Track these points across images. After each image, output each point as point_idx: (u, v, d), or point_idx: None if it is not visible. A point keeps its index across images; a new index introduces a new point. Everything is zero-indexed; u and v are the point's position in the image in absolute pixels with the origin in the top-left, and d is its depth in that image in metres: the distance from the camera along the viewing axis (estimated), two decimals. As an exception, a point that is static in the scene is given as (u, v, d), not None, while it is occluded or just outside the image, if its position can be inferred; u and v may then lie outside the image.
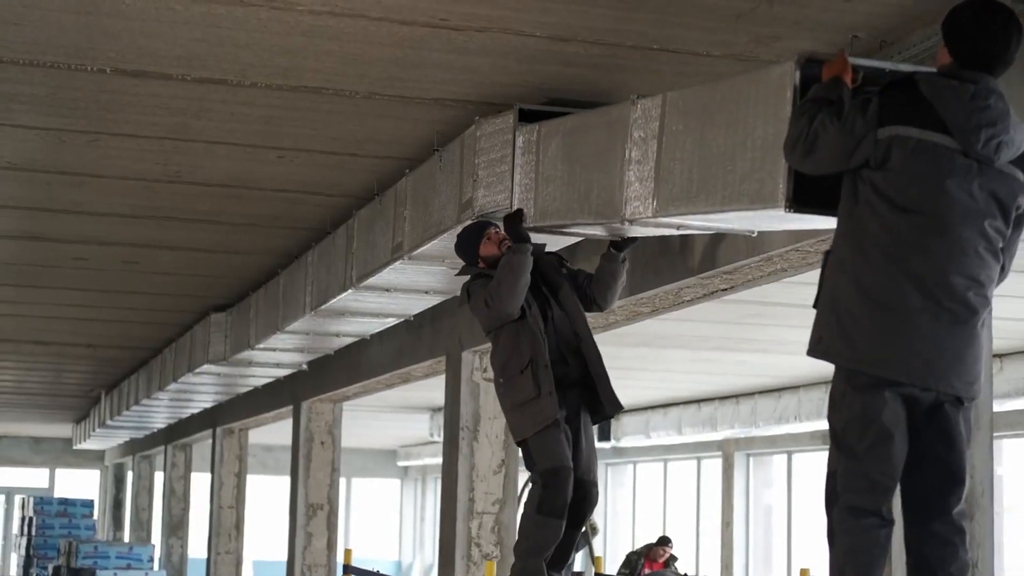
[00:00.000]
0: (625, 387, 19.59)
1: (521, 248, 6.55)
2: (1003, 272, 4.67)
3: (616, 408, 6.58)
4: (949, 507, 4.57)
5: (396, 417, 25.39)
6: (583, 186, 6.41)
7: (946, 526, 4.57)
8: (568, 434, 6.48)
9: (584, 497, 6.59)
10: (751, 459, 22.50)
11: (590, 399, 6.59)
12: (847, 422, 4.55)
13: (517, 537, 6.61)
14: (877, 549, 4.47)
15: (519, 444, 6.58)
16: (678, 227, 6.18)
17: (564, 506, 6.44)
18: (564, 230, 6.75)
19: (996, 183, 4.51)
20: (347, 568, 9.44)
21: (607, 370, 6.61)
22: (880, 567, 4.49)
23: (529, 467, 6.57)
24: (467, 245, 6.81)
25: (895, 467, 4.51)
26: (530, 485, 6.68)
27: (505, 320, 6.53)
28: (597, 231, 6.67)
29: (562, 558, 6.65)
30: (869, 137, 4.53)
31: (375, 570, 9.50)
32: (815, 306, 4.67)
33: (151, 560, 21.22)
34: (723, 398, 20.50)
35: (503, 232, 6.75)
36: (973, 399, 4.59)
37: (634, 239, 6.85)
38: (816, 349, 4.61)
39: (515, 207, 6.81)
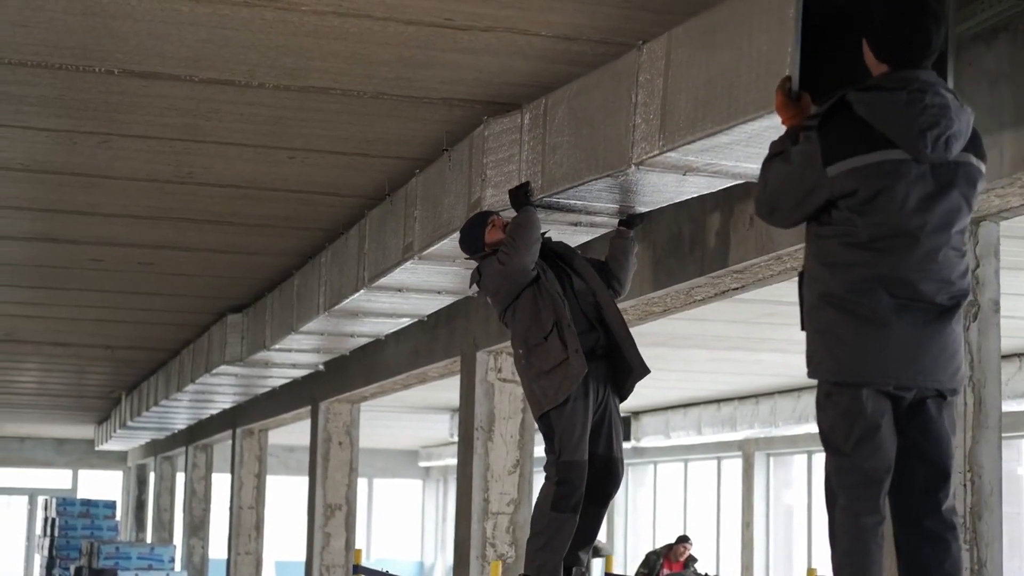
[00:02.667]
0: (645, 387, 19.56)
1: (527, 210, 6.64)
2: None
3: (644, 371, 6.57)
4: (938, 503, 4.55)
5: (417, 418, 25.42)
6: (590, 144, 6.36)
7: (937, 523, 4.55)
8: (592, 408, 6.47)
9: (610, 474, 6.61)
10: (771, 459, 22.47)
11: (616, 372, 6.58)
12: (833, 420, 4.56)
13: (530, 533, 6.60)
14: (875, 548, 4.47)
15: (540, 418, 6.53)
16: (685, 171, 6.03)
17: (579, 502, 6.45)
18: (572, 200, 6.72)
19: (955, 176, 4.47)
20: (357, 568, 9.44)
21: (631, 334, 6.63)
22: (878, 565, 4.48)
23: (547, 445, 6.53)
24: (471, 237, 6.82)
25: (885, 458, 4.50)
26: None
27: (520, 281, 6.52)
28: (605, 198, 6.64)
29: (587, 538, 6.67)
30: (821, 181, 4.49)
31: (384, 571, 9.48)
32: (802, 328, 4.66)
33: (172, 561, 21.29)
34: (742, 398, 20.47)
35: (505, 218, 6.80)
36: (956, 392, 4.57)
37: (642, 216, 6.93)
38: (812, 370, 4.62)
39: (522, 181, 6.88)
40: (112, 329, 16.53)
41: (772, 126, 5.04)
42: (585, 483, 6.43)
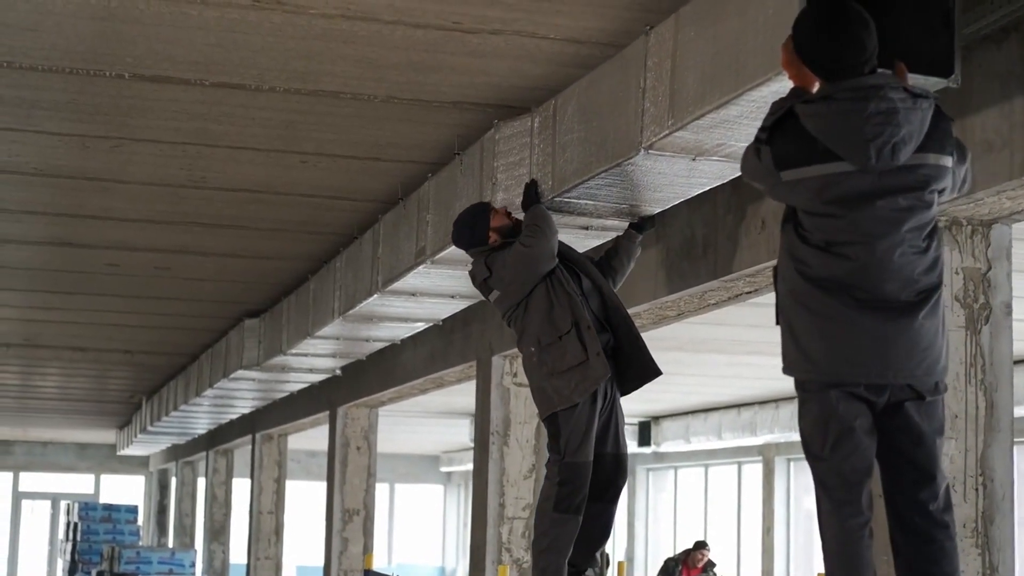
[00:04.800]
0: (664, 391, 19.62)
1: (538, 206, 6.66)
2: (965, 186, 4.66)
3: (656, 372, 6.60)
4: (924, 502, 4.55)
5: (438, 423, 25.42)
6: (599, 136, 6.31)
7: (927, 523, 4.55)
8: (599, 409, 6.48)
9: (618, 470, 6.67)
10: (791, 464, 22.38)
11: (620, 371, 6.59)
12: (810, 426, 4.59)
13: (534, 535, 6.59)
14: (863, 548, 4.50)
15: (548, 418, 6.51)
16: (695, 155, 5.95)
17: (582, 503, 6.46)
18: (582, 199, 6.69)
19: (903, 181, 4.43)
20: (368, 573, 9.45)
21: (640, 334, 6.66)
22: (868, 565, 4.48)
23: (552, 445, 6.51)
24: (474, 225, 6.77)
25: (863, 459, 4.52)
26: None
27: (543, 267, 6.50)
28: (615, 196, 6.60)
29: (599, 538, 6.69)
30: (778, 181, 4.53)
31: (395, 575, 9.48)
32: (776, 323, 4.65)
33: (193, 565, 21.34)
34: (762, 403, 20.42)
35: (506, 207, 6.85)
36: (937, 388, 4.56)
37: (653, 221, 6.98)
38: (786, 367, 4.64)
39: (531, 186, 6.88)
40: (131, 334, 16.56)
41: (780, 92, 4.96)
42: (588, 484, 6.43)
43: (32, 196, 9.63)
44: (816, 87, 4.67)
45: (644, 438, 23.90)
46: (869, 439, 4.51)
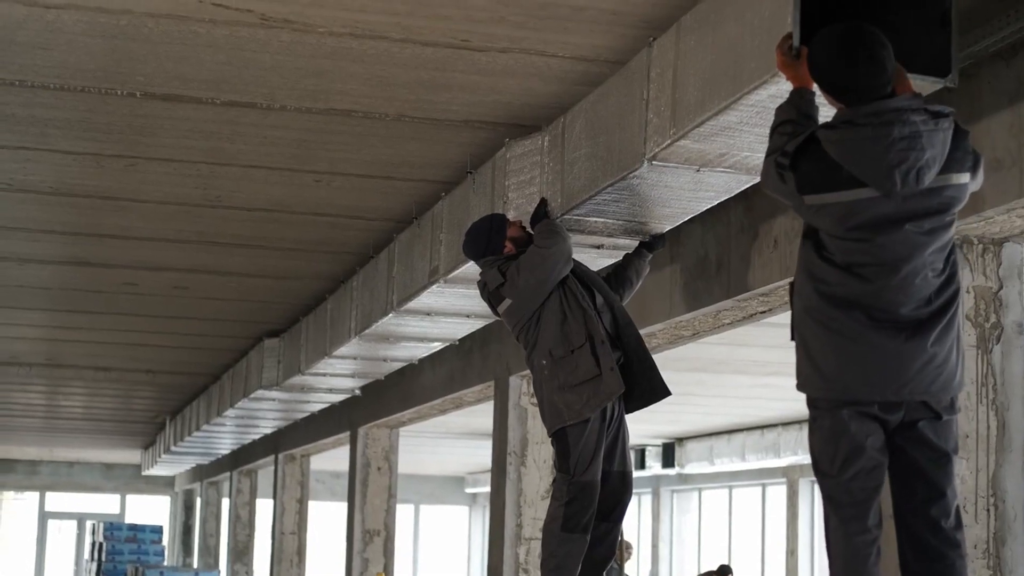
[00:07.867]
0: (687, 413, 19.54)
1: (549, 219, 6.66)
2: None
3: (664, 392, 6.55)
4: (935, 519, 4.52)
5: (462, 443, 25.38)
6: (606, 151, 6.29)
7: (939, 540, 4.52)
8: (606, 426, 6.45)
9: (625, 488, 6.63)
10: (816, 486, 22.24)
11: (628, 387, 6.53)
12: (820, 443, 4.57)
13: (542, 556, 6.55)
14: (870, 566, 4.50)
15: (556, 433, 6.46)
16: (699, 166, 5.89)
17: (589, 522, 6.43)
18: (591, 216, 6.68)
19: (928, 204, 4.39)
20: (379, 593, 9.43)
21: (650, 353, 6.64)
22: None
23: (560, 464, 6.47)
24: (491, 235, 6.72)
25: (873, 479, 4.50)
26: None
27: (560, 270, 6.47)
28: (624, 212, 6.59)
29: (608, 555, 6.66)
30: (801, 204, 4.48)
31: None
32: (792, 339, 4.62)
33: (216, 585, 21.34)
34: (786, 424, 20.34)
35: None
36: (952, 406, 4.53)
37: (663, 239, 6.96)
38: (800, 383, 4.61)
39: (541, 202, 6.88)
40: (152, 353, 16.58)
41: (778, 94, 4.93)
42: (596, 503, 6.39)
43: (49, 215, 9.65)
44: (814, 85, 4.64)
45: (668, 459, 23.83)
46: (880, 457, 4.50)
